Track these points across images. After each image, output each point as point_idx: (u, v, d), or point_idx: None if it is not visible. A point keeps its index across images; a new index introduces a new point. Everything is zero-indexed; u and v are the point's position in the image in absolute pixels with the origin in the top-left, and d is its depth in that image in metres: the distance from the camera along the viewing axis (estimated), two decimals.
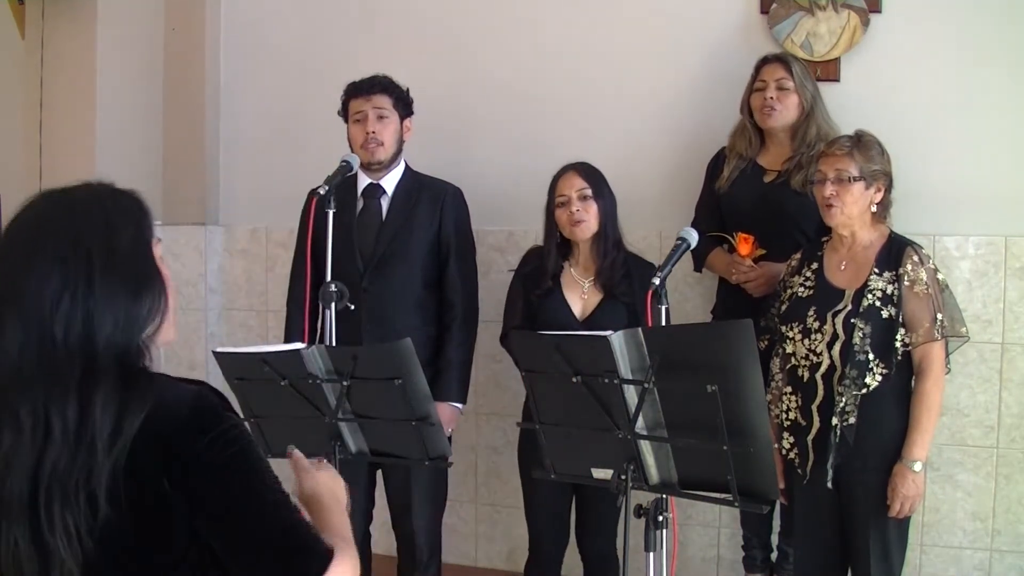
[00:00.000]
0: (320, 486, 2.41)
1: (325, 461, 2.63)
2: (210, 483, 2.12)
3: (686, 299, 5.37)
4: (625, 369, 3.36)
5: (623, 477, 3.45)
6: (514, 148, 5.53)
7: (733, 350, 3.21)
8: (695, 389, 3.22)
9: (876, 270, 4.16)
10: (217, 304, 6.26)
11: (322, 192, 4.47)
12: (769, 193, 4.88)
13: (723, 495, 3.35)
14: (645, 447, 3.46)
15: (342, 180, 4.64)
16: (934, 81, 5.06)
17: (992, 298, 5.00)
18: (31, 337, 2.06)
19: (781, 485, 4.21)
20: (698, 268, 5.15)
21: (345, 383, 3.83)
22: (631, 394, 3.39)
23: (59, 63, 5.83)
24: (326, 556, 2.16)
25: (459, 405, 4.85)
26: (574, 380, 3.40)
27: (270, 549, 2.13)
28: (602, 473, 3.56)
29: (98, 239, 2.12)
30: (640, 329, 3.36)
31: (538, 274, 4.67)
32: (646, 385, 3.31)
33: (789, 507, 4.46)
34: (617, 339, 3.34)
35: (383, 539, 5.15)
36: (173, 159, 6.21)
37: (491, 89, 5.75)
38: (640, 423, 3.40)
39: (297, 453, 2.50)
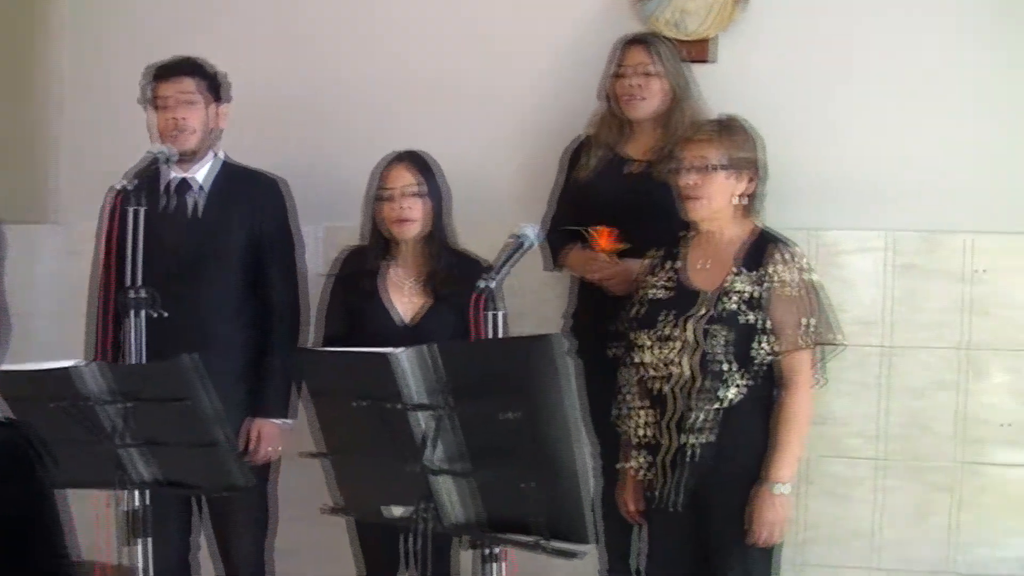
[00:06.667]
0: None
1: None
2: None
3: (544, 301, 5.04)
4: (416, 391, 3.02)
5: (417, 517, 3.10)
6: (365, 142, 5.09)
7: (536, 369, 2.85)
8: (493, 415, 2.90)
9: (735, 269, 3.92)
10: (50, 310, 5.86)
11: (128, 187, 4.09)
12: (633, 184, 4.62)
13: (532, 538, 3.01)
14: (445, 482, 3.13)
15: (150, 174, 4.26)
16: (817, 64, 4.88)
17: (874, 298, 4.83)
18: None
19: (634, 507, 4.12)
20: (554, 266, 4.84)
21: (125, 404, 3.54)
22: (423, 421, 3.05)
23: None
24: None
25: (286, 421, 4.53)
26: (354, 405, 3.08)
27: None
28: (399, 511, 3.22)
29: None
30: (436, 345, 3.05)
31: (358, 276, 4.42)
32: (438, 411, 2.98)
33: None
34: (405, 357, 3.01)
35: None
36: (3, 154, 5.85)
37: (342, 83, 5.45)
38: (439, 453, 3.06)
39: None
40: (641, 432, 4.01)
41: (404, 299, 4.35)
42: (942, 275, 4.76)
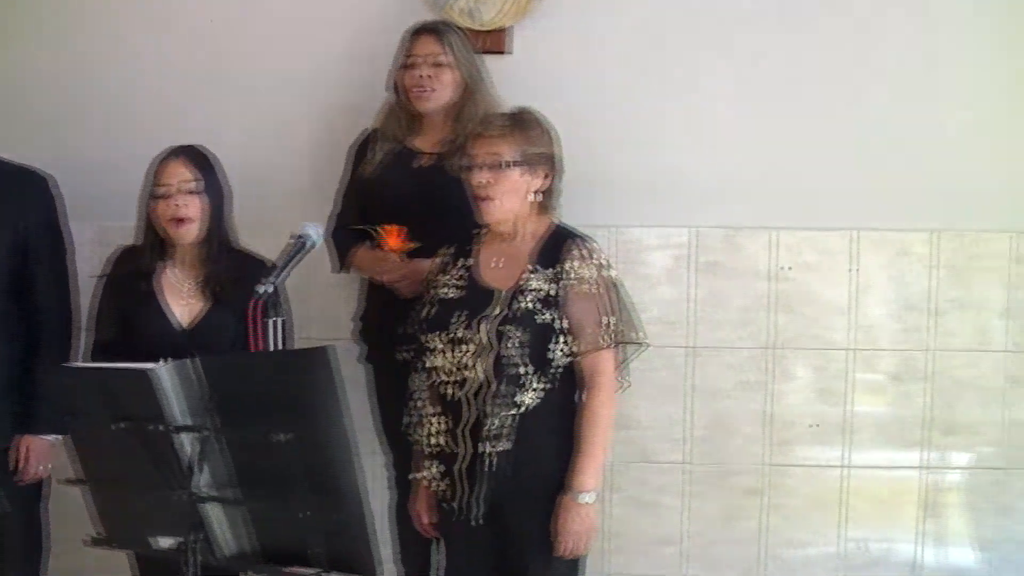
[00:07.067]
0: None
1: None
2: None
3: (332, 304, 4.85)
4: (180, 411, 2.81)
5: (187, 549, 2.88)
6: (141, 137, 4.76)
7: (310, 385, 2.67)
8: (265, 437, 2.68)
9: (531, 267, 3.77)
10: None
11: None
12: (423, 179, 4.45)
13: (313, 570, 2.82)
14: (215, 510, 2.91)
15: None
16: (616, 56, 4.79)
17: (678, 296, 4.77)
18: None
19: (428, 520, 3.95)
20: (341, 268, 4.65)
21: None
22: (188, 444, 2.82)
23: None
24: None
25: (58, 436, 4.23)
26: (113, 427, 2.81)
27: None
28: (167, 542, 3.00)
29: None
30: (199, 359, 2.84)
31: (132, 277, 4.15)
32: (203, 433, 2.74)
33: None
34: (165, 373, 2.78)
35: None
36: None
37: (118, 74, 5.14)
38: (207, 479, 2.82)
39: None
40: (434, 440, 3.83)
41: (182, 302, 4.11)
42: (746, 273, 4.73)
